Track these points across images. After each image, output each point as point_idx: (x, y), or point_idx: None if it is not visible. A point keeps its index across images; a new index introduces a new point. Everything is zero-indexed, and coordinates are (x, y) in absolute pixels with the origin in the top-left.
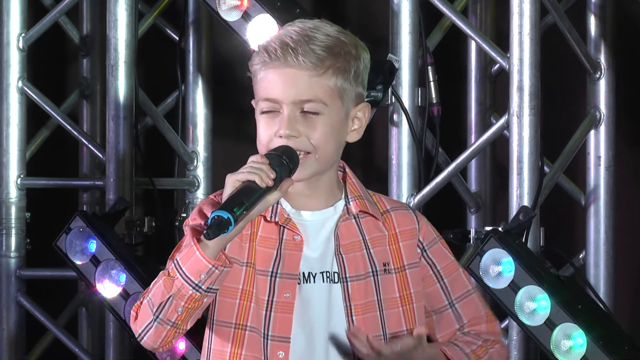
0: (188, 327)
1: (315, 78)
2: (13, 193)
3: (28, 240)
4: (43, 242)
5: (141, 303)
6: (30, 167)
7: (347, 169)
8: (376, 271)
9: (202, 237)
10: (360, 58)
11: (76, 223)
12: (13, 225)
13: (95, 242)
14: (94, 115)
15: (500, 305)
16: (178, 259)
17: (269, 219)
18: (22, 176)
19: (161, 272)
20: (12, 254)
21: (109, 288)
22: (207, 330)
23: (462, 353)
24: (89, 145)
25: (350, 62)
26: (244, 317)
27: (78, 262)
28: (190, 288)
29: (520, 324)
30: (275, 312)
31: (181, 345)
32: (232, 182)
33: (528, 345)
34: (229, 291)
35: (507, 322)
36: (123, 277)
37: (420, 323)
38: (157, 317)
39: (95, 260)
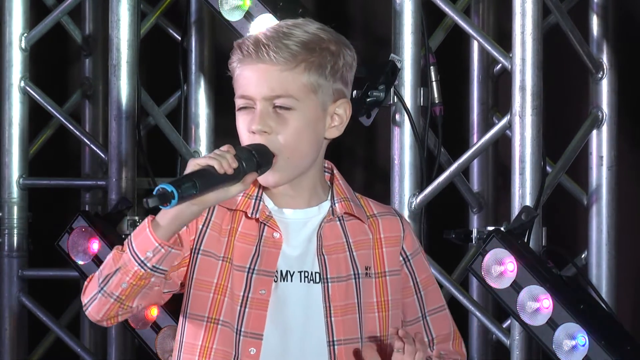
0: (135, 305)
1: (286, 73)
2: (15, 193)
3: (30, 240)
4: (45, 242)
5: (93, 276)
6: (33, 167)
7: (335, 171)
8: (358, 274)
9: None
10: (340, 55)
11: (78, 223)
12: (15, 225)
13: (97, 242)
14: (96, 115)
15: (502, 305)
16: (131, 235)
17: (250, 215)
18: (24, 176)
19: (115, 247)
20: (14, 254)
21: None
22: (180, 323)
23: None
24: (91, 145)
25: (326, 58)
26: (217, 311)
27: (80, 262)
28: (136, 264)
29: (522, 323)
30: (249, 309)
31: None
32: (193, 165)
33: (530, 346)
34: (204, 285)
35: (509, 321)
36: None
37: (393, 331)
38: (102, 288)
39: (97, 260)
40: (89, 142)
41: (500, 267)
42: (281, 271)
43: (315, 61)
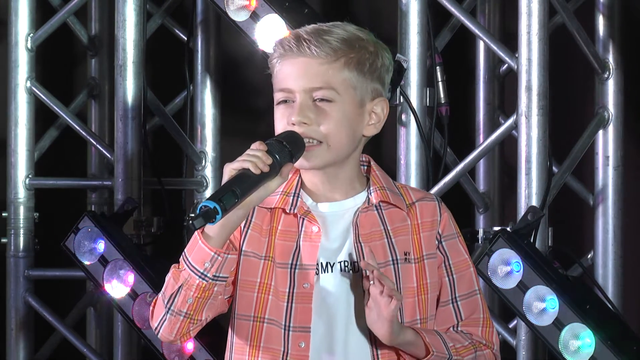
0: (204, 317)
1: (326, 66)
2: (21, 193)
3: (36, 240)
4: (51, 242)
5: (157, 299)
6: (39, 167)
7: (372, 163)
8: (397, 260)
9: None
10: (379, 56)
11: (84, 223)
12: (21, 225)
13: (103, 242)
14: (102, 115)
15: (508, 306)
16: (185, 251)
17: (288, 211)
18: (30, 176)
19: (172, 266)
20: (21, 254)
21: (117, 288)
22: (230, 324)
23: (442, 344)
24: (97, 146)
25: (365, 56)
26: (262, 309)
27: (86, 262)
28: (197, 277)
29: (529, 324)
30: (295, 303)
31: (189, 345)
32: (229, 171)
33: (536, 346)
34: (248, 285)
35: (515, 322)
36: (131, 277)
37: (432, 313)
38: (169, 308)
39: (103, 260)
40: (95, 142)
41: (507, 267)
42: (321, 263)
43: (355, 58)
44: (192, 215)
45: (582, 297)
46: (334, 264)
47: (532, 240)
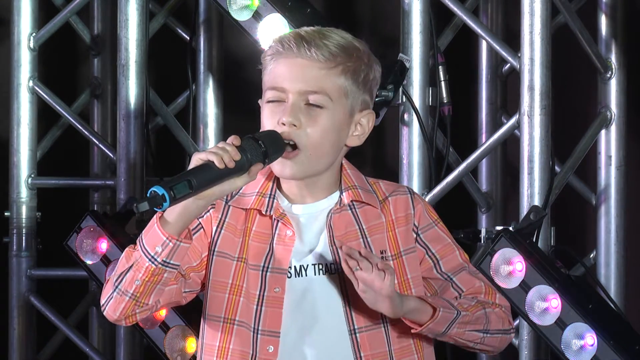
0: (152, 302)
1: (324, 71)
2: (24, 193)
3: (39, 240)
4: (54, 242)
5: (110, 277)
6: (41, 166)
7: (344, 161)
8: None
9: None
10: (372, 68)
11: (87, 222)
12: (24, 224)
13: (105, 241)
14: (105, 115)
15: (511, 305)
16: (142, 233)
17: (264, 212)
18: (32, 176)
19: (129, 246)
20: (23, 254)
21: None
22: (200, 325)
23: (448, 303)
24: (100, 145)
25: (361, 67)
26: (232, 311)
27: (89, 262)
28: (147, 260)
29: (531, 323)
30: (265, 307)
31: (192, 346)
32: (195, 160)
33: (539, 345)
34: (219, 285)
35: (517, 321)
36: None
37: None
38: (117, 287)
39: (105, 260)
40: (97, 142)
41: (509, 266)
42: (295, 267)
43: (352, 66)
44: (139, 199)
45: (585, 296)
46: (307, 266)
47: (534, 239)
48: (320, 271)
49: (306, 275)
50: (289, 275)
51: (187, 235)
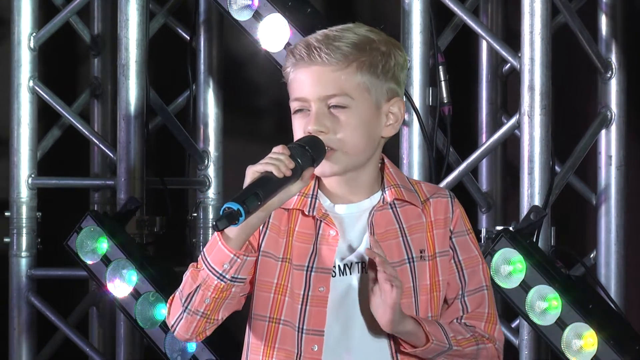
0: (220, 317)
1: (338, 72)
2: (24, 192)
3: (39, 240)
4: (54, 242)
5: (174, 297)
6: (41, 166)
7: (386, 160)
8: (412, 258)
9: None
10: (391, 55)
11: (87, 222)
12: (24, 224)
13: (106, 241)
14: (105, 115)
15: (511, 305)
16: (204, 251)
17: (307, 213)
18: (33, 176)
19: (190, 264)
20: (23, 254)
21: (119, 287)
22: (247, 324)
23: (443, 334)
24: (100, 145)
25: (377, 57)
26: (278, 310)
27: (89, 262)
28: (215, 278)
29: (531, 323)
30: (310, 306)
31: (192, 346)
32: (251, 173)
33: (539, 345)
34: (265, 285)
35: (518, 321)
36: (134, 276)
37: (441, 310)
38: (186, 307)
39: (106, 260)
40: (97, 142)
41: (509, 266)
42: (339, 266)
43: (367, 61)
44: (217, 217)
45: (585, 296)
46: (352, 265)
47: (534, 239)
48: (363, 270)
49: (350, 274)
50: (333, 274)
51: (249, 248)
